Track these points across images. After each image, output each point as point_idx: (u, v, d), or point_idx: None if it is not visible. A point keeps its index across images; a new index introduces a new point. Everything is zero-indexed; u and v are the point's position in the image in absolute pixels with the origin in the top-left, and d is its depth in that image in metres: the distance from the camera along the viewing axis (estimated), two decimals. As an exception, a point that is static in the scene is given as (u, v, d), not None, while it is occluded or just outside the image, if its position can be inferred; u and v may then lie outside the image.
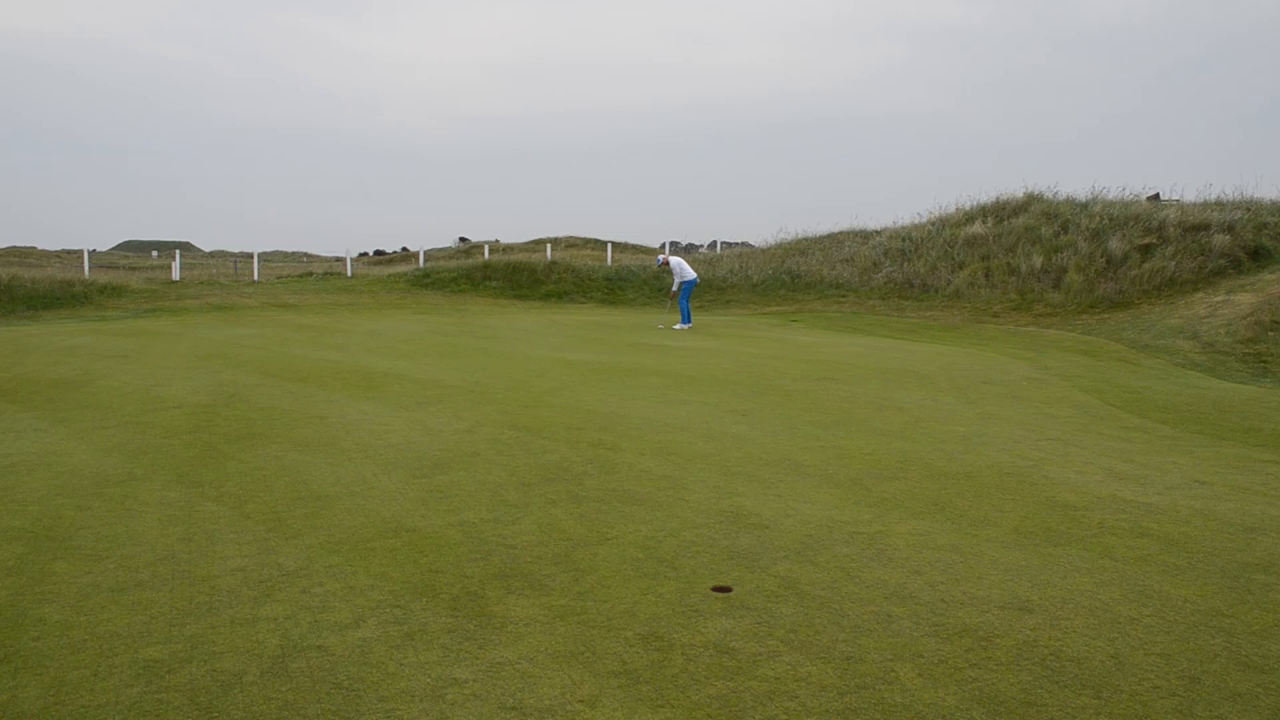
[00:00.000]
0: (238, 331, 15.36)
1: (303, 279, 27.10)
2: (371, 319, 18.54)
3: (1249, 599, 3.75)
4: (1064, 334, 15.86)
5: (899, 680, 3.02)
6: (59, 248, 50.40)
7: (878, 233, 25.13)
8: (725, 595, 3.73)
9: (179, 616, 3.50)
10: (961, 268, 21.16)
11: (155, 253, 53.51)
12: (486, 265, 26.62)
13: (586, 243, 44.66)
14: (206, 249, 65.14)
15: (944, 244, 22.34)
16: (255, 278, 26.16)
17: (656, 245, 41.50)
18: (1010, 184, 47.48)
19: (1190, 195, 26.11)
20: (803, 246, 26.24)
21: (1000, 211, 22.95)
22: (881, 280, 22.22)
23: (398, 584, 3.84)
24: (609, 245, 35.78)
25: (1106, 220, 20.23)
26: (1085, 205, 21.70)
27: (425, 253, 32.39)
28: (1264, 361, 12.07)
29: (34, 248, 52.75)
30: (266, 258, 40.24)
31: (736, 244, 39.72)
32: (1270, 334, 12.98)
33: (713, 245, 41.84)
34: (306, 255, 52.15)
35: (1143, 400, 9.16)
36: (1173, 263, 17.87)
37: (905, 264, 22.33)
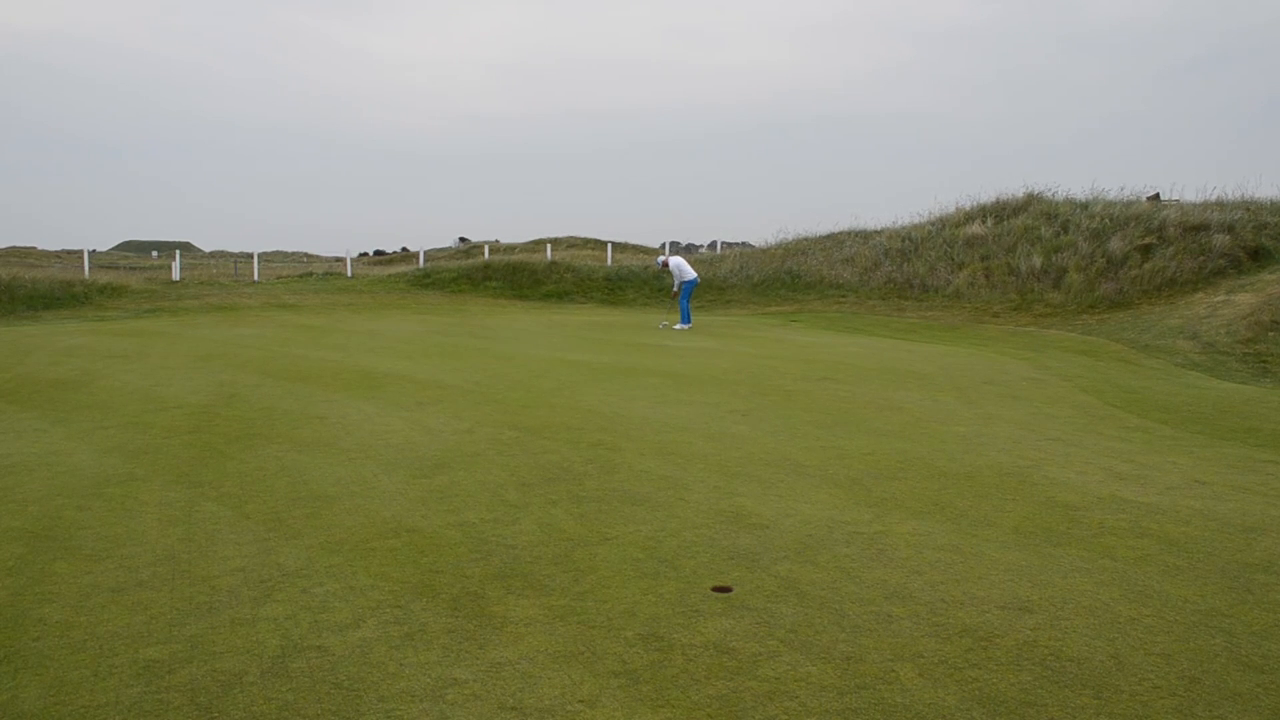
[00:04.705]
0: (238, 331, 15.36)
1: (303, 279, 27.10)
2: (371, 319, 18.53)
3: (1249, 599, 3.75)
4: (1064, 334, 15.86)
5: (899, 680, 3.02)
6: (59, 248, 50.45)
7: (878, 233, 25.11)
8: (725, 595, 3.73)
9: (179, 616, 3.50)
10: (961, 268, 21.16)
11: (155, 253, 53.53)
12: (487, 265, 26.63)
13: (586, 243, 44.68)
14: (206, 249, 65.21)
15: (944, 244, 22.34)
16: (255, 278, 26.16)
17: (657, 245, 41.50)
18: (1010, 184, 47.41)
19: (1190, 195, 26.11)
20: (803, 246, 26.22)
21: (1000, 211, 22.95)
22: (881, 280, 22.22)
23: (398, 584, 3.84)
24: (609, 245, 35.77)
25: (1106, 220, 20.22)
26: (1085, 205, 21.69)
27: (425, 253, 32.40)
28: (1264, 361, 12.06)
29: (34, 248, 52.78)
30: (266, 258, 40.20)
31: (736, 244, 39.66)
32: (1270, 334, 12.98)
33: (713, 245, 41.82)
34: (306, 255, 52.12)
35: (1143, 400, 9.16)
36: (1173, 263, 17.86)
37: (905, 264, 22.32)
